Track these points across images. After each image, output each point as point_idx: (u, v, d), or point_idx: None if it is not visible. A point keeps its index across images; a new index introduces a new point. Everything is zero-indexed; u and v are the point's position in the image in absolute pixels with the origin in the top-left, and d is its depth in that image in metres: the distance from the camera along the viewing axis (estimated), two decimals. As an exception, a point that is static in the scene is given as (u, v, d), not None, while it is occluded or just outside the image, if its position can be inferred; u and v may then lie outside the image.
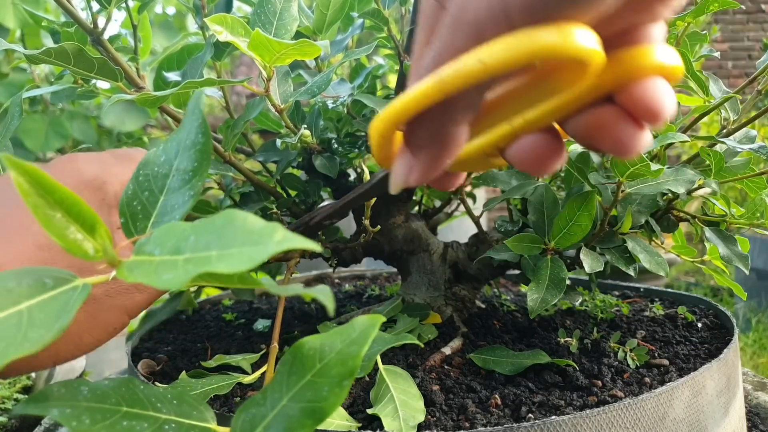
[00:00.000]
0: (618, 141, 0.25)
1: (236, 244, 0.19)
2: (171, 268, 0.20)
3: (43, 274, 0.22)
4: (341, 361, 0.23)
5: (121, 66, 0.51)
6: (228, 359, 0.50)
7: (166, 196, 0.27)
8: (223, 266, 0.19)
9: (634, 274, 0.51)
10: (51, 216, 0.22)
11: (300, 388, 0.23)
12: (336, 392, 0.22)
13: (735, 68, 4.56)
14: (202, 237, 0.21)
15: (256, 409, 0.23)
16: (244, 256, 0.19)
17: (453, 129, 0.27)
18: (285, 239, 0.19)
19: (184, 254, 0.20)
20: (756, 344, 2.07)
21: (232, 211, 0.21)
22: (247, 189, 0.62)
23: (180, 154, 0.28)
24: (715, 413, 0.43)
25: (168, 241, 0.21)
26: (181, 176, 0.27)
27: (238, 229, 0.20)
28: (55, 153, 1.78)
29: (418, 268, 0.60)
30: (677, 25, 0.53)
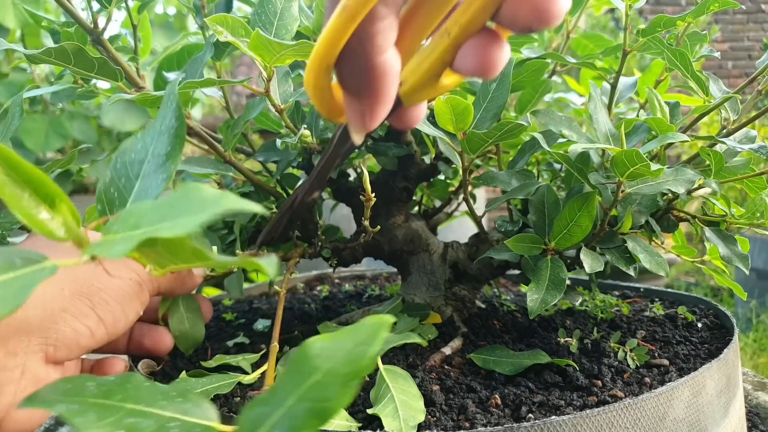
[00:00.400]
0: (537, 11, 0.25)
1: (186, 212, 0.20)
2: (125, 241, 0.20)
3: (15, 254, 0.22)
4: (349, 362, 0.23)
5: (121, 66, 0.51)
6: (228, 359, 0.50)
7: (141, 182, 0.27)
8: (168, 232, 0.19)
9: (634, 274, 0.51)
10: (19, 195, 0.22)
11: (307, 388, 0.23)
12: (343, 392, 0.22)
13: (735, 68, 4.56)
14: (158, 211, 0.21)
15: (263, 408, 0.23)
16: (189, 221, 0.19)
17: (381, 58, 0.27)
18: (231, 202, 0.19)
19: (141, 228, 0.21)
20: (756, 344, 2.07)
21: (190, 184, 0.21)
22: (247, 189, 0.62)
23: (155, 139, 0.28)
24: (715, 413, 0.43)
25: (130, 219, 0.22)
26: (156, 160, 0.28)
27: (192, 198, 0.20)
28: (55, 153, 1.78)
29: (418, 268, 0.60)
30: (677, 25, 0.53)
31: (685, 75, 0.52)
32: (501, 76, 0.50)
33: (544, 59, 0.57)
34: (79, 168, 1.04)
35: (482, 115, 0.49)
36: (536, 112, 0.52)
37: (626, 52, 0.56)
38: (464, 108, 0.45)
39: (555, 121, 0.51)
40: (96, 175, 2.01)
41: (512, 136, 0.47)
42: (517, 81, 0.58)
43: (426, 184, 0.72)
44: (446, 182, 0.72)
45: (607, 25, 4.18)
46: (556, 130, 0.51)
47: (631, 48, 0.56)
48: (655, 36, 0.53)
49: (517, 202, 0.60)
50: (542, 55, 0.57)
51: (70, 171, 1.65)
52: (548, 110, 0.52)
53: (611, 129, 0.52)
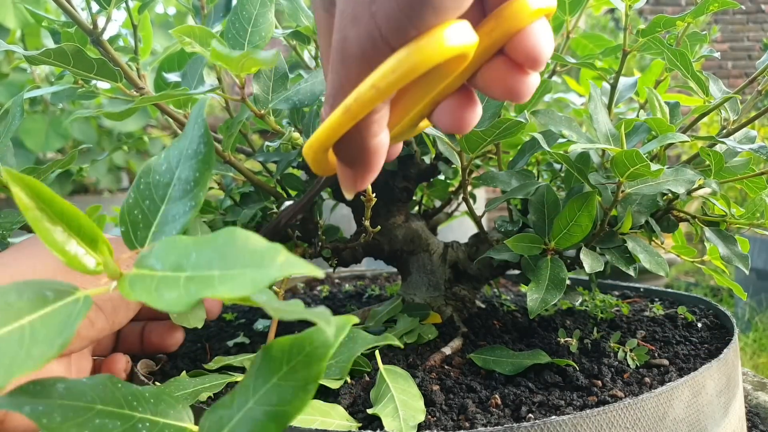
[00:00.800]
0: (508, 88, 0.29)
1: (238, 265, 0.19)
2: (172, 286, 0.20)
3: (44, 287, 0.22)
4: (307, 364, 0.22)
5: (120, 66, 0.51)
6: (228, 360, 0.50)
7: (167, 206, 0.27)
8: (226, 290, 0.18)
9: (634, 274, 0.51)
10: (51, 230, 0.22)
11: (266, 391, 0.23)
12: (301, 396, 0.22)
13: (735, 68, 4.56)
14: (203, 254, 0.20)
15: (224, 411, 0.23)
16: (247, 278, 0.19)
17: (375, 141, 0.30)
18: (288, 263, 0.19)
19: (185, 271, 0.20)
20: (756, 344, 2.07)
21: (234, 229, 0.21)
22: (247, 189, 0.62)
23: (182, 163, 0.28)
24: (715, 413, 0.43)
25: (169, 256, 0.21)
26: (183, 186, 0.27)
27: (241, 248, 0.20)
28: (56, 153, 1.79)
29: (418, 268, 0.60)
30: (677, 26, 0.53)
31: (685, 75, 0.52)
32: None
33: (544, 59, 0.57)
34: (79, 168, 1.04)
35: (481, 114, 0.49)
36: (536, 112, 0.52)
37: (626, 52, 0.56)
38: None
39: (555, 121, 0.51)
40: (96, 175, 2.01)
41: (511, 134, 0.47)
42: (517, 81, 0.58)
43: (426, 184, 0.72)
44: (446, 182, 0.72)
45: (607, 25, 4.18)
46: (556, 130, 0.51)
47: (631, 48, 0.56)
48: (655, 36, 0.53)
49: (517, 202, 0.60)
50: (542, 55, 0.56)
51: (70, 171, 1.65)
52: (548, 110, 0.52)
53: (611, 129, 0.52)
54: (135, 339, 0.48)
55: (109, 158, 1.95)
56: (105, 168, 2.00)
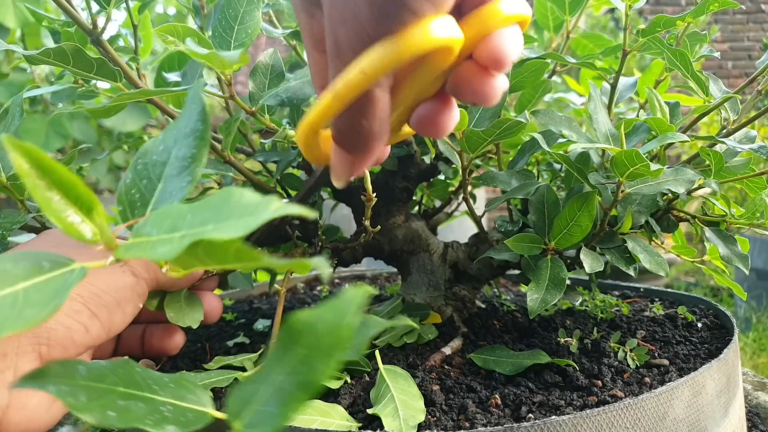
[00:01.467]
0: (474, 90, 0.30)
1: (232, 216, 0.20)
2: (166, 243, 0.20)
3: (41, 258, 0.22)
4: (330, 332, 0.23)
5: (120, 66, 0.51)
6: (228, 360, 0.50)
7: (164, 183, 0.27)
8: (218, 234, 0.19)
9: (634, 274, 0.51)
10: (49, 198, 0.22)
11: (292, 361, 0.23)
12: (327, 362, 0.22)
13: (735, 68, 4.56)
14: (198, 214, 0.21)
15: (251, 385, 0.23)
16: (239, 224, 0.19)
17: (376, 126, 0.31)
18: (281, 207, 0.19)
19: (180, 231, 0.21)
20: (756, 344, 2.07)
21: (230, 188, 0.21)
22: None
23: (179, 141, 0.28)
24: (715, 413, 0.43)
25: (165, 222, 0.22)
26: (180, 163, 0.27)
27: (235, 203, 0.20)
28: (56, 153, 1.79)
29: (418, 268, 0.60)
30: (677, 25, 0.53)
31: (685, 75, 0.52)
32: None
33: (544, 59, 0.57)
34: (79, 167, 1.04)
35: (481, 114, 0.49)
36: (536, 112, 0.52)
37: (626, 52, 0.56)
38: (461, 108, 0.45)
39: (555, 121, 0.51)
40: (96, 175, 2.01)
41: (511, 134, 0.47)
42: (517, 81, 0.58)
43: (426, 184, 0.72)
44: (446, 182, 0.72)
45: (607, 25, 4.18)
46: (556, 130, 0.51)
47: (631, 48, 0.56)
48: (655, 36, 0.53)
49: (517, 202, 0.60)
50: (542, 55, 0.57)
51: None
52: (548, 110, 0.52)
53: (611, 129, 0.52)
54: (135, 342, 0.48)
55: (109, 158, 1.95)
56: (105, 168, 2.00)
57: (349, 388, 0.44)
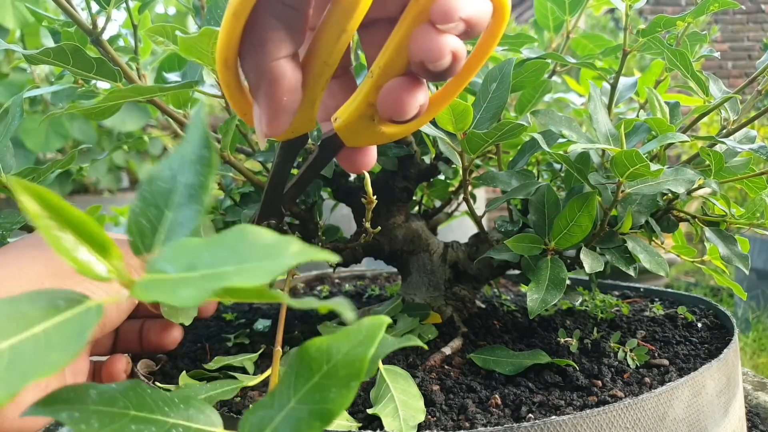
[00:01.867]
0: (421, 48, 0.28)
1: (252, 258, 0.19)
2: (188, 285, 0.20)
3: (56, 296, 0.22)
4: (349, 363, 0.23)
5: (120, 66, 0.51)
6: (228, 360, 0.50)
7: (172, 212, 0.27)
8: (241, 280, 0.19)
9: (634, 274, 0.51)
10: (61, 237, 0.22)
11: (307, 390, 0.23)
12: (344, 394, 0.22)
13: (735, 68, 4.56)
14: (215, 253, 0.21)
15: (264, 412, 0.23)
16: (262, 269, 0.19)
17: (272, 63, 0.29)
18: (301, 251, 0.19)
19: (199, 271, 0.20)
20: (756, 344, 2.07)
21: (244, 226, 0.21)
22: (247, 189, 0.62)
23: (184, 168, 0.28)
24: (715, 413, 0.43)
25: (181, 258, 0.21)
26: (187, 191, 0.27)
27: (252, 243, 0.20)
28: (55, 153, 1.79)
29: (418, 268, 0.60)
30: (677, 26, 0.53)
31: (685, 75, 0.52)
32: (501, 76, 0.50)
33: (544, 59, 0.57)
34: (79, 168, 1.04)
35: (482, 115, 0.49)
36: (536, 112, 0.52)
37: (626, 52, 0.56)
38: (464, 108, 0.45)
39: (555, 121, 0.51)
40: (96, 175, 2.01)
41: (512, 136, 0.47)
42: (517, 81, 0.58)
43: (426, 184, 0.72)
44: (446, 182, 0.72)
45: (607, 25, 4.18)
46: (556, 130, 0.51)
47: (631, 48, 0.56)
48: (655, 36, 0.53)
49: (517, 202, 0.60)
50: (542, 55, 0.57)
51: (70, 171, 1.65)
52: (548, 110, 0.52)
53: (611, 129, 0.52)
54: (134, 338, 0.48)
55: (109, 158, 1.95)
56: (105, 168, 2.00)
57: (349, 388, 0.44)
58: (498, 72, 0.50)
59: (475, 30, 0.28)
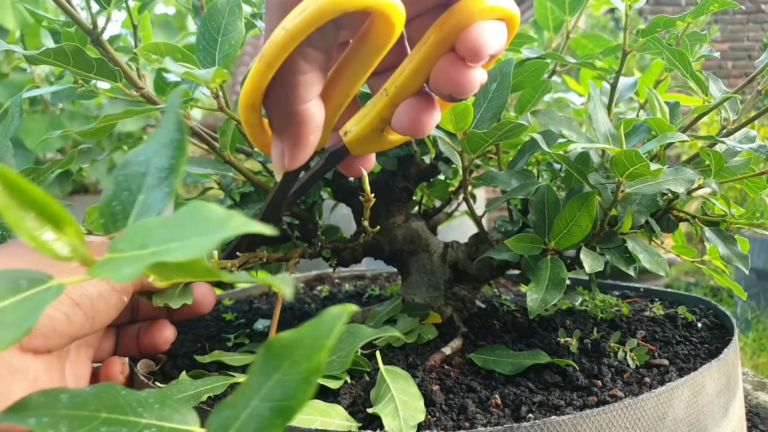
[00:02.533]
0: (449, 81, 0.29)
1: (195, 233, 0.20)
2: (133, 262, 0.20)
3: (20, 276, 0.22)
4: (307, 357, 0.22)
5: (120, 66, 0.51)
6: (223, 355, 0.50)
7: (143, 195, 0.27)
8: (179, 255, 0.19)
9: (634, 274, 0.51)
10: (22, 217, 0.22)
11: (270, 387, 0.23)
12: (303, 389, 0.22)
13: (735, 68, 4.56)
14: (167, 231, 0.21)
15: (230, 411, 0.23)
16: (200, 244, 0.19)
17: (302, 107, 0.30)
18: (240, 224, 0.19)
19: (149, 248, 0.21)
20: (756, 344, 2.07)
21: (197, 203, 0.21)
22: (247, 189, 0.62)
23: (158, 151, 0.28)
24: (715, 413, 0.43)
25: (137, 238, 0.22)
26: (158, 174, 0.27)
27: (199, 218, 0.20)
28: (55, 153, 1.78)
29: (418, 268, 0.60)
30: (677, 26, 0.53)
31: (685, 75, 0.52)
32: (501, 76, 0.50)
33: (544, 59, 0.57)
34: (79, 168, 1.04)
35: (482, 115, 0.49)
36: (536, 112, 0.52)
37: (626, 52, 0.56)
38: (464, 108, 0.45)
39: (555, 121, 0.51)
40: (96, 175, 2.01)
41: (512, 136, 0.47)
42: (517, 81, 0.58)
43: (426, 184, 0.72)
44: (446, 182, 0.72)
45: (607, 25, 4.18)
46: (556, 130, 0.51)
47: (631, 48, 0.56)
48: (654, 36, 0.53)
49: (517, 202, 0.60)
50: (542, 55, 0.57)
51: (70, 171, 1.65)
52: (548, 110, 0.52)
53: (611, 129, 0.52)
54: (132, 341, 0.48)
55: (109, 158, 1.95)
56: (105, 168, 2.00)
57: (349, 388, 0.44)
58: (498, 72, 0.50)
59: (496, 57, 0.29)
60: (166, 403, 0.26)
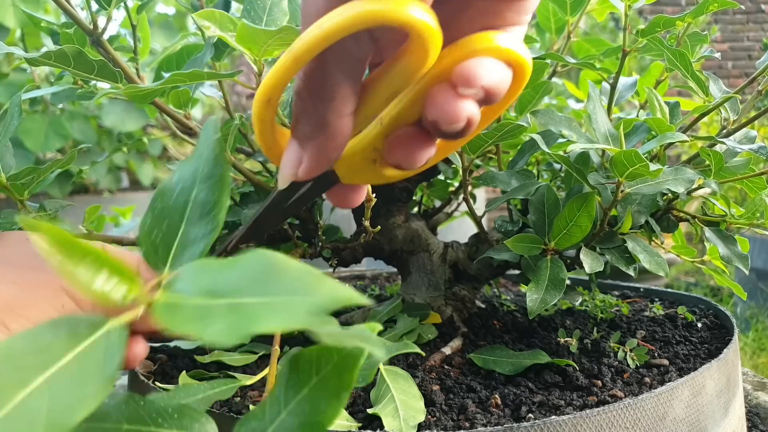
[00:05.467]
0: (437, 106, 0.28)
1: (280, 293, 0.18)
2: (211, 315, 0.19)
3: (73, 323, 0.21)
4: (338, 374, 0.22)
5: (120, 67, 0.51)
6: (225, 357, 0.50)
7: (186, 227, 0.27)
8: (274, 321, 0.17)
9: (634, 274, 0.51)
10: (75, 272, 0.21)
11: (297, 401, 0.23)
12: (334, 405, 0.22)
13: (735, 68, 4.56)
14: (239, 279, 0.20)
15: (256, 423, 0.23)
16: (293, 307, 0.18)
17: (337, 121, 0.29)
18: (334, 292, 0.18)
19: (222, 299, 0.19)
20: (756, 344, 2.07)
21: (263, 252, 0.20)
22: (247, 189, 0.62)
23: (197, 185, 0.28)
24: (715, 413, 0.43)
25: (200, 281, 0.21)
26: (200, 208, 0.27)
27: (280, 275, 0.19)
28: (55, 153, 1.79)
29: (418, 268, 0.60)
30: (677, 26, 0.53)
31: (685, 75, 0.52)
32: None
33: (544, 59, 0.57)
34: (79, 170, 1.04)
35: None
36: (536, 113, 0.52)
37: (626, 52, 0.56)
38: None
39: (555, 122, 0.51)
40: (96, 175, 2.02)
41: (512, 136, 0.47)
42: (517, 81, 0.58)
43: (426, 184, 0.72)
44: (446, 182, 0.72)
45: (607, 26, 4.18)
46: (556, 131, 0.51)
47: (630, 48, 0.56)
48: (655, 36, 0.53)
49: (517, 202, 0.60)
50: (542, 56, 0.57)
51: (70, 171, 1.65)
52: (548, 110, 0.52)
53: (610, 129, 0.52)
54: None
55: (109, 158, 1.95)
56: (105, 168, 2.00)
57: (349, 389, 0.44)
58: (498, 72, 0.50)
59: (494, 98, 0.28)
60: (185, 413, 0.26)
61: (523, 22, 0.30)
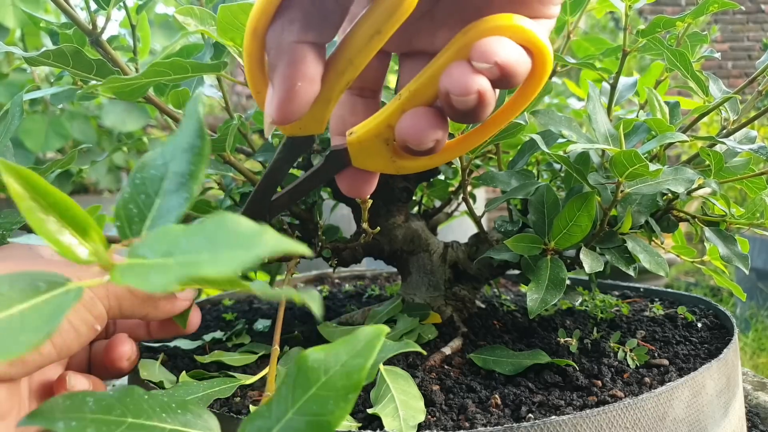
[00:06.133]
0: (451, 77, 0.28)
1: (226, 246, 0.19)
2: (162, 272, 0.20)
3: (37, 278, 0.22)
4: (346, 374, 0.22)
5: (120, 67, 0.51)
6: (225, 357, 0.50)
7: (161, 199, 0.27)
8: (213, 270, 0.19)
9: (634, 274, 0.51)
10: (44, 220, 0.22)
11: (305, 401, 0.23)
12: (341, 405, 0.22)
13: (735, 68, 4.56)
14: (193, 240, 0.20)
15: (262, 422, 0.23)
16: (234, 259, 0.19)
17: (296, 45, 0.29)
18: (275, 242, 0.19)
19: (175, 257, 0.20)
20: (756, 344, 2.07)
21: (224, 214, 0.21)
22: (247, 189, 0.62)
23: (176, 156, 0.28)
24: (715, 413, 0.43)
25: (160, 245, 0.21)
26: (177, 179, 0.27)
27: (229, 231, 0.20)
28: (55, 153, 1.79)
29: (418, 268, 0.60)
30: (677, 26, 0.53)
31: (685, 75, 0.52)
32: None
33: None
34: (79, 170, 1.04)
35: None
36: (536, 112, 0.52)
37: (626, 52, 0.56)
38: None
39: (555, 121, 0.51)
40: (96, 175, 2.02)
41: (511, 135, 0.47)
42: (517, 81, 0.58)
43: (426, 184, 0.72)
44: (446, 182, 0.72)
45: (607, 26, 4.18)
46: (556, 131, 0.51)
47: (631, 48, 0.56)
48: (654, 36, 0.53)
49: (517, 202, 0.60)
50: (542, 55, 0.56)
51: (70, 171, 1.65)
52: (548, 110, 0.52)
53: (610, 129, 0.52)
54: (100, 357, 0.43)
55: (109, 158, 1.95)
56: (105, 168, 2.00)
57: (349, 389, 0.44)
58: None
59: (510, 81, 0.28)
60: (188, 408, 0.26)
61: (549, 15, 0.30)
